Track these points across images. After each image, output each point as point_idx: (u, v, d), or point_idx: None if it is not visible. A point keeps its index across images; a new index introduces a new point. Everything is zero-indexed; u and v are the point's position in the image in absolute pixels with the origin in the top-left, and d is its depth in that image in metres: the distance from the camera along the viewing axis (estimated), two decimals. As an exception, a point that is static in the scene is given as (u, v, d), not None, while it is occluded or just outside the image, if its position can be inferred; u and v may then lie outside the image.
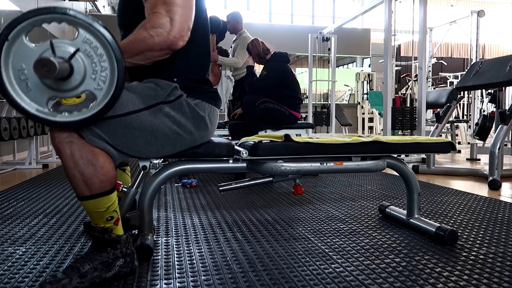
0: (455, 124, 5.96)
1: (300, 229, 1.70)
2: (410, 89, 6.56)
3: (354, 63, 13.75)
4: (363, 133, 9.43)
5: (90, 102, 0.98)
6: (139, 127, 1.14)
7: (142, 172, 1.44)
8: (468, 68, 3.80)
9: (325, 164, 1.45)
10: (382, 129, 5.76)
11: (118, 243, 1.14)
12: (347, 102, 11.50)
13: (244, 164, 1.41)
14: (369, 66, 11.67)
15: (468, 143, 5.89)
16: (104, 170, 1.08)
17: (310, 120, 6.11)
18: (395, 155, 1.64)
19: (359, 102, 9.99)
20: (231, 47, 4.11)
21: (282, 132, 1.72)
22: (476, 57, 6.26)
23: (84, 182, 1.07)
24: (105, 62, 0.96)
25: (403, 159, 3.82)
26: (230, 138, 3.35)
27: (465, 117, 7.76)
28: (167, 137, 1.20)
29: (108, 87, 0.97)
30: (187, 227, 1.72)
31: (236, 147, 1.41)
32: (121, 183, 1.41)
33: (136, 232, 1.40)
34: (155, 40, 1.10)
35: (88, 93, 0.98)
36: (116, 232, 1.15)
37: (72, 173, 1.07)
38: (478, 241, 1.51)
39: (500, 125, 2.94)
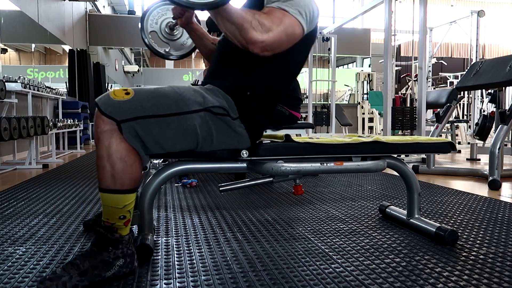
0: (455, 124, 5.96)
1: (300, 229, 1.70)
2: (410, 89, 6.56)
3: (354, 63, 13.76)
4: (363, 133, 9.43)
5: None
6: (175, 129, 1.18)
7: (142, 172, 1.44)
8: (468, 68, 3.80)
9: (325, 164, 1.45)
10: (382, 129, 5.76)
11: (120, 243, 1.15)
12: (347, 102, 11.50)
13: (244, 164, 1.41)
14: (369, 66, 11.67)
15: (468, 143, 5.89)
16: (133, 169, 1.13)
17: (310, 120, 6.11)
18: (395, 155, 1.64)
19: (359, 102, 9.99)
20: None
21: (282, 132, 1.71)
22: (476, 57, 6.26)
23: (112, 175, 1.11)
24: None
25: (403, 159, 3.82)
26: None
27: (465, 117, 7.77)
28: (194, 138, 1.22)
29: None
30: (187, 227, 1.72)
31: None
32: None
33: (136, 228, 1.40)
34: (248, 29, 1.14)
35: None
36: (121, 232, 1.16)
37: (103, 164, 1.11)
38: (478, 241, 1.51)
39: (500, 125, 2.94)
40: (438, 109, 3.92)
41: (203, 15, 1.52)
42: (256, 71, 1.32)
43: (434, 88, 7.82)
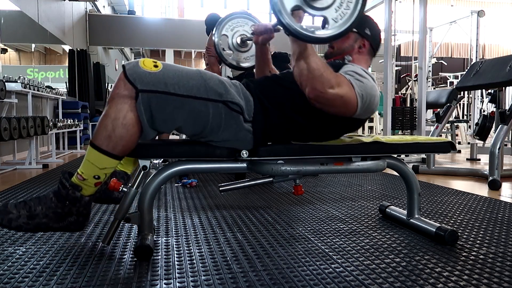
0: (455, 124, 5.96)
1: (300, 229, 1.70)
2: (410, 89, 6.56)
3: (354, 63, 13.77)
4: (363, 133, 9.43)
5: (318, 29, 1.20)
6: (188, 111, 1.20)
7: (142, 172, 1.44)
8: (468, 68, 3.80)
9: (325, 164, 1.45)
10: (382, 129, 5.76)
11: (78, 202, 1.17)
12: (347, 102, 11.49)
13: (244, 164, 1.41)
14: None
15: (468, 143, 5.89)
16: (131, 139, 1.16)
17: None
18: (395, 155, 1.64)
19: (359, 102, 9.97)
20: None
21: None
22: (476, 57, 6.25)
23: (108, 136, 1.13)
24: (352, 4, 1.19)
25: (403, 159, 3.82)
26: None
27: (465, 117, 7.77)
28: (202, 124, 1.24)
29: (343, 22, 1.19)
30: (187, 227, 1.72)
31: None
32: (121, 183, 1.41)
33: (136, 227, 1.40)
34: (316, 76, 1.24)
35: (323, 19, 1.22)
36: (84, 192, 1.18)
37: (106, 123, 1.13)
38: (478, 241, 1.51)
39: (500, 125, 2.94)
40: (438, 109, 3.92)
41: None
42: (297, 109, 1.37)
43: (434, 88, 7.82)
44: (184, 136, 3.61)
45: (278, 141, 1.42)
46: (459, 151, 5.58)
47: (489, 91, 4.61)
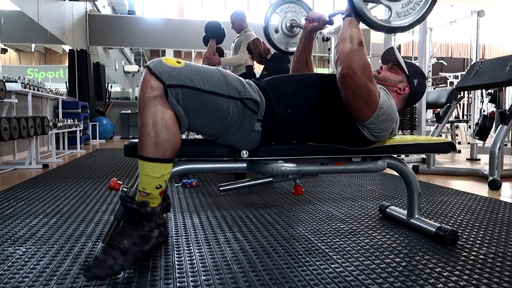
0: (455, 124, 5.95)
1: (300, 229, 1.70)
2: (410, 89, 6.54)
3: (354, 63, 13.77)
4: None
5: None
6: (211, 107, 1.20)
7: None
8: (468, 68, 3.80)
9: (325, 164, 1.45)
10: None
11: (152, 216, 1.17)
12: (347, 102, 11.49)
13: (244, 164, 1.41)
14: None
15: (468, 143, 5.89)
16: (176, 138, 1.15)
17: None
18: (395, 155, 1.64)
19: (359, 102, 9.97)
20: (233, 42, 4.10)
21: None
22: (476, 57, 6.25)
23: (155, 143, 1.12)
24: (418, 7, 1.27)
25: (403, 159, 3.82)
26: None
27: (465, 117, 7.76)
28: (221, 121, 1.24)
29: (406, 19, 1.27)
30: (187, 227, 1.72)
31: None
32: (121, 183, 1.41)
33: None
34: (360, 60, 1.26)
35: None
36: (153, 204, 1.18)
37: (148, 131, 1.12)
38: (478, 241, 1.51)
39: (500, 125, 2.94)
40: (438, 109, 3.92)
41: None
42: (320, 115, 1.38)
43: (434, 88, 7.82)
44: (191, 136, 3.61)
45: (281, 141, 1.41)
46: (459, 151, 5.57)
47: (489, 91, 4.60)
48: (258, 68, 3.59)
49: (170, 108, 1.13)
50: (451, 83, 8.82)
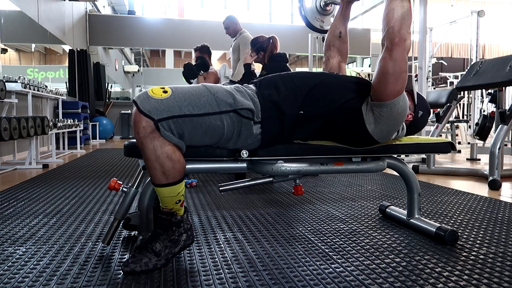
0: (455, 124, 5.95)
1: (300, 229, 1.70)
2: (410, 89, 6.53)
3: (354, 63, 13.75)
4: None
5: None
6: (205, 127, 1.24)
7: (142, 172, 1.44)
8: (468, 68, 3.79)
9: (325, 164, 1.45)
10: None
11: (181, 222, 1.27)
12: (347, 102, 11.47)
13: (244, 164, 1.41)
14: (369, 66, 11.67)
15: (468, 143, 5.89)
16: (180, 163, 1.21)
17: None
18: (395, 155, 1.64)
19: (359, 102, 9.96)
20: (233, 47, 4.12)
21: None
22: (476, 57, 6.25)
23: (162, 172, 1.19)
24: None
25: (403, 159, 3.81)
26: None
27: (465, 117, 7.76)
28: (218, 136, 1.28)
29: None
30: (187, 227, 1.72)
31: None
32: (121, 183, 1.42)
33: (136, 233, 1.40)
34: (408, 32, 1.30)
35: None
36: (179, 212, 1.27)
37: (153, 165, 1.19)
38: (478, 241, 1.51)
39: (500, 125, 2.94)
40: (438, 109, 3.92)
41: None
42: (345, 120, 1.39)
43: (434, 88, 7.82)
44: None
45: (284, 139, 1.40)
46: (459, 151, 5.58)
47: (489, 91, 4.60)
48: (258, 68, 3.59)
49: (166, 140, 1.18)
50: (451, 83, 8.82)
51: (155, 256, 1.22)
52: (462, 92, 5.68)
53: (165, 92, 1.21)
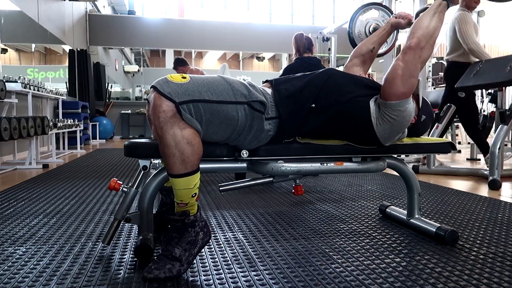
0: (455, 124, 5.94)
1: (300, 229, 1.70)
2: (410, 89, 6.53)
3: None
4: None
5: None
6: (222, 116, 1.24)
7: (143, 172, 1.44)
8: (468, 68, 3.79)
9: (325, 164, 1.45)
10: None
11: (196, 221, 1.24)
12: (347, 102, 11.48)
13: (244, 164, 1.41)
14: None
15: (468, 143, 5.89)
16: (199, 148, 1.19)
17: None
18: (395, 155, 1.64)
19: (359, 102, 9.96)
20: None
21: None
22: (476, 57, 6.24)
23: (182, 160, 1.16)
24: None
25: (403, 159, 3.81)
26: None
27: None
28: (231, 128, 1.28)
29: None
30: (187, 227, 1.72)
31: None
32: (121, 183, 1.41)
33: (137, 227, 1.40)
34: (429, 45, 1.37)
35: None
36: (193, 212, 1.23)
37: (172, 152, 1.15)
38: (478, 241, 1.51)
39: (500, 125, 2.94)
40: (438, 109, 3.91)
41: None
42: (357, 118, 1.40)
43: (434, 88, 7.81)
44: None
45: (293, 133, 1.42)
46: (459, 151, 5.57)
47: (489, 91, 4.60)
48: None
49: (187, 124, 1.17)
50: (451, 83, 8.80)
51: (178, 262, 1.18)
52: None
53: (183, 77, 1.22)
